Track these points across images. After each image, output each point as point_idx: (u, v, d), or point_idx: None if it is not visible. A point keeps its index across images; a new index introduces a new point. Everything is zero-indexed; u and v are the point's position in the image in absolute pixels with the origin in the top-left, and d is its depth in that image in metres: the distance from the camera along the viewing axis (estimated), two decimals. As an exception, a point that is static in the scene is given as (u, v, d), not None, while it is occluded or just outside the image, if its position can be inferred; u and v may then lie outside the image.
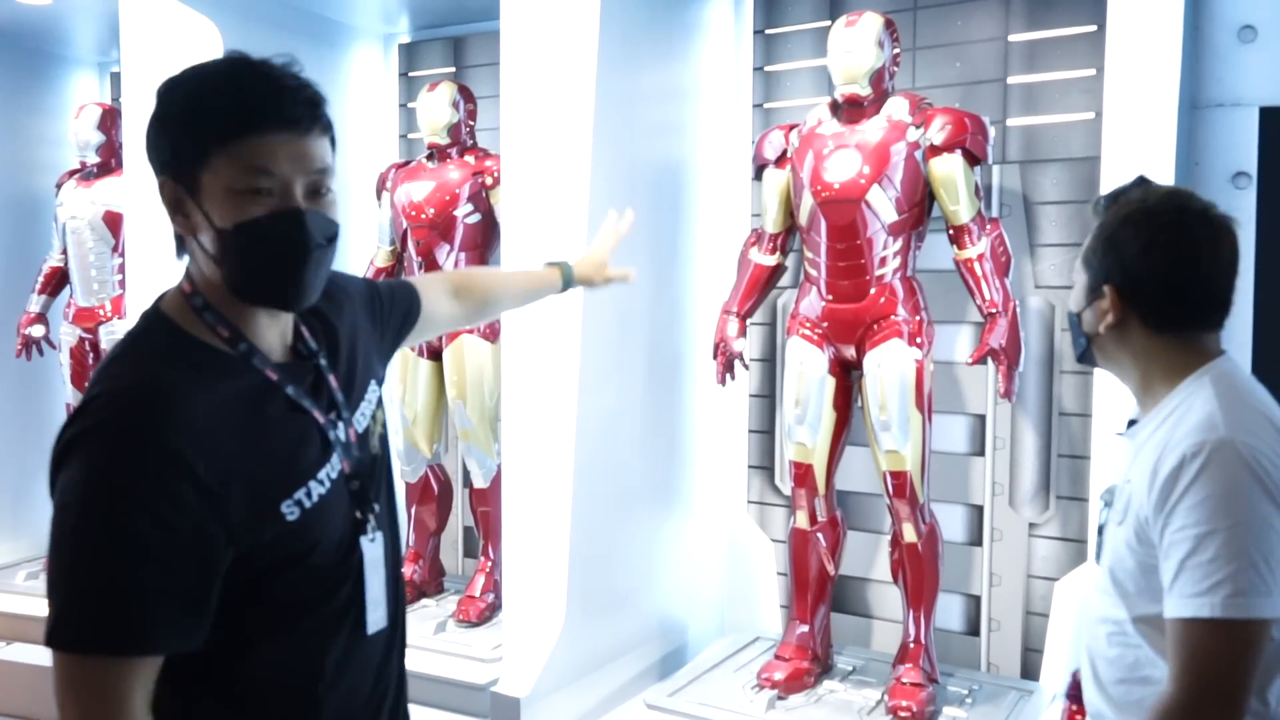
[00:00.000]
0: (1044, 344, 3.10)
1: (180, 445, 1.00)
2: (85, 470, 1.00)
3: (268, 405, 1.11)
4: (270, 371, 1.12)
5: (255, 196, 1.06)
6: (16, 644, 3.71)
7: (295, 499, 1.10)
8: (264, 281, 1.10)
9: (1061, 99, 3.07)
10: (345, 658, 1.17)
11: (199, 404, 1.04)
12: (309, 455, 1.13)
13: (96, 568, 0.98)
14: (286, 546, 1.10)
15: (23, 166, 4.46)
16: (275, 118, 1.06)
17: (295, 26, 3.79)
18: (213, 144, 1.06)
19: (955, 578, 3.20)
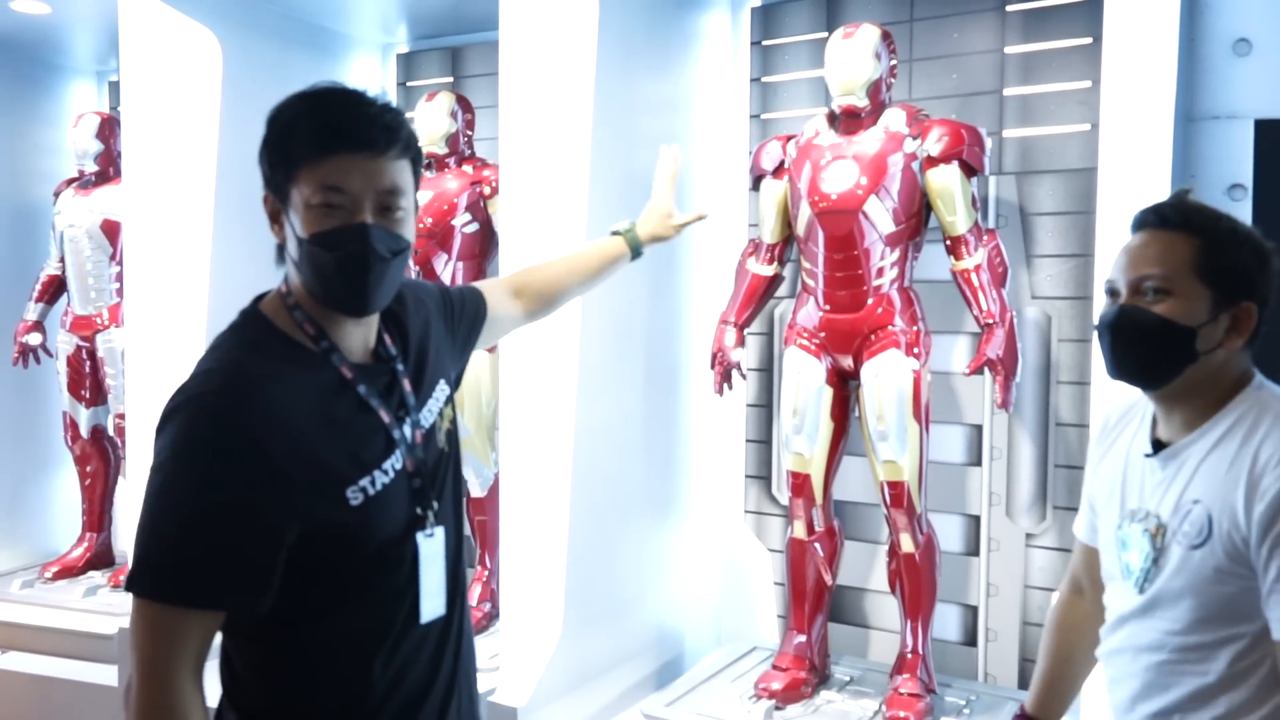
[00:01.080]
0: (1041, 354, 3.11)
1: (255, 426, 1.13)
2: (174, 440, 1.14)
3: (341, 399, 1.23)
4: (346, 370, 1.24)
5: (329, 211, 1.19)
6: (12, 652, 3.70)
7: (360, 486, 1.20)
8: (333, 287, 1.21)
9: (1057, 111, 3.09)
10: (398, 642, 1.26)
11: (276, 391, 1.17)
12: (373, 449, 1.23)
13: (171, 527, 1.13)
14: (349, 529, 1.20)
15: (21, 175, 4.46)
16: (350, 140, 1.18)
17: (294, 36, 3.80)
18: (299, 163, 1.19)
19: (952, 588, 3.20)
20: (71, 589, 3.97)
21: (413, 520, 1.27)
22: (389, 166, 1.20)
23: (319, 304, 1.24)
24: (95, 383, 4.09)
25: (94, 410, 4.13)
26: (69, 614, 3.76)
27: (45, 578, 4.07)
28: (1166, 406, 1.45)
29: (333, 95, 1.23)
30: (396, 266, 1.23)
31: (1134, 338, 1.41)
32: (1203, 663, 1.36)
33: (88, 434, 4.14)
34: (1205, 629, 1.35)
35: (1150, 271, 1.40)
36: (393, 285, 1.25)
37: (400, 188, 1.22)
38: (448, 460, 1.35)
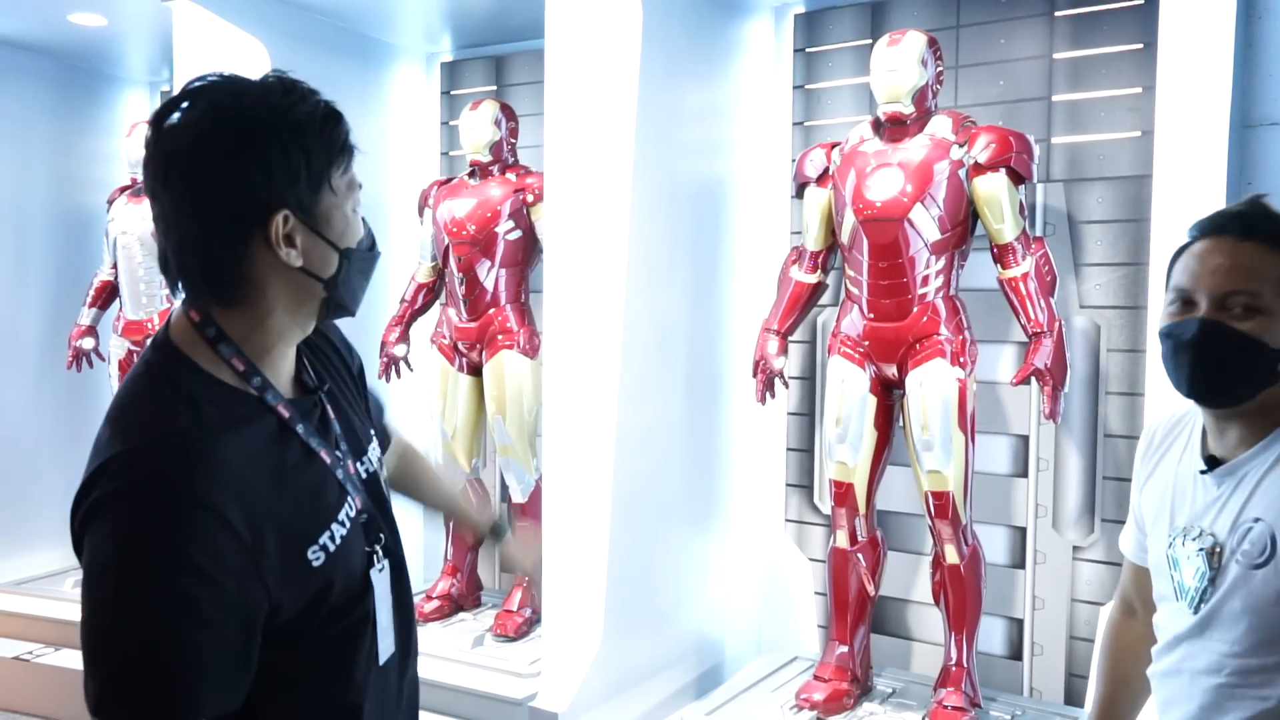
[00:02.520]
0: (1089, 364, 3.07)
1: (215, 498, 0.96)
2: (119, 534, 0.96)
3: (288, 449, 1.08)
4: (283, 408, 1.09)
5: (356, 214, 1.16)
6: (64, 650, 3.77)
7: (320, 544, 1.07)
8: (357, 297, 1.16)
9: (1108, 117, 3.04)
10: (365, 683, 1.15)
11: (229, 452, 1.00)
12: (329, 497, 1.11)
13: (143, 636, 0.95)
14: (311, 590, 1.07)
15: (76, 183, 4.57)
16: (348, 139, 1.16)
17: (341, 46, 3.85)
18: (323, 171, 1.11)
19: (998, 600, 3.15)
20: (121, 589, 4.04)
21: (365, 559, 1.14)
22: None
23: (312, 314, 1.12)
24: (146, 386, 4.17)
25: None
26: (119, 613, 3.83)
27: (96, 577, 4.15)
28: (1222, 423, 1.40)
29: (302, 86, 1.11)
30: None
31: (1217, 355, 1.34)
32: (1264, 687, 1.31)
33: (138, 437, 4.22)
34: (1267, 651, 1.31)
35: (1240, 287, 1.33)
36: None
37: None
38: (382, 492, 1.24)
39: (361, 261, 1.13)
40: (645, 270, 2.91)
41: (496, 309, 3.56)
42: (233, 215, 1.03)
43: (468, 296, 3.55)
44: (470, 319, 3.58)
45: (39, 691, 3.65)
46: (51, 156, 4.46)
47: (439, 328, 3.72)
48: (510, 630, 3.47)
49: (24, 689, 3.68)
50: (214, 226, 1.03)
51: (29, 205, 4.38)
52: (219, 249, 1.03)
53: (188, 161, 1.02)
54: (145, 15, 3.81)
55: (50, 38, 4.15)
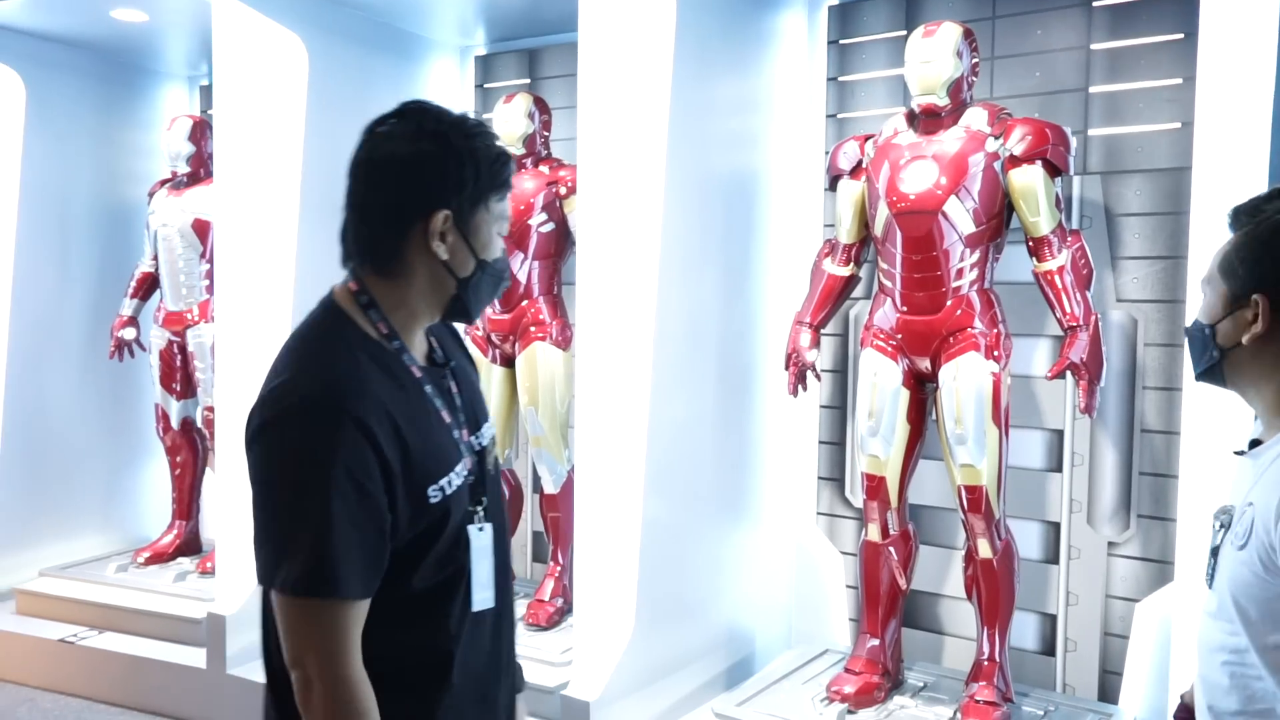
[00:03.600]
0: (1126, 358, 3.04)
1: (367, 420, 1.18)
2: (292, 444, 1.18)
3: (417, 399, 1.29)
4: (415, 369, 1.31)
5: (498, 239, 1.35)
6: (108, 633, 3.86)
7: (439, 485, 1.26)
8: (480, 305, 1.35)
9: (1146, 109, 3.01)
10: (459, 632, 1.31)
11: (377, 387, 1.23)
12: (447, 449, 1.30)
13: (309, 525, 1.16)
14: (423, 525, 1.25)
15: (117, 176, 4.65)
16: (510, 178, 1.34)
17: (376, 40, 3.89)
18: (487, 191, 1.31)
19: (1031, 595, 3.14)
20: (162, 574, 4.13)
21: (465, 516, 1.32)
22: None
23: (426, 310, 1.33)
24: (186, 376, 4.24)
25: (184, 403, 4.28)
26: (160, 598, 3.91)
27: (138, 562, 4.24)
28: (1257, 408, 1.44)
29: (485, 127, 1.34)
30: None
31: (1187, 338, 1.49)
32: (1257, 666, 1.33)
33: (178, 426, 4.29)
34: (1255, 633, 1.33)
35: (1207, 275, 1.45)
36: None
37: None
38: (495, 473, 1.43)
39: (492, 274, 1.33)
40: (678, 262, 2.92)
41: (529, 301, 3.59)
42: (406, 203, 1.27)
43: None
44: (503, 311, 3.61)
45: (83, 673, 3.74)
46: (94, 150, 4.55)
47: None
48: (542, 619, 3.50)
49: (68, 671, 3.77)
50: (391, 210, 1.28)
51: (72, 198, 4.46)
52: (388, 228, 1.28)
53: (387, 158, 1.28)
54: (185, 11, 3.87)
55: (93, 33, 4.23)
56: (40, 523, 4.33)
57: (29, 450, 4.27)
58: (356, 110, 4.30)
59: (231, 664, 3.44)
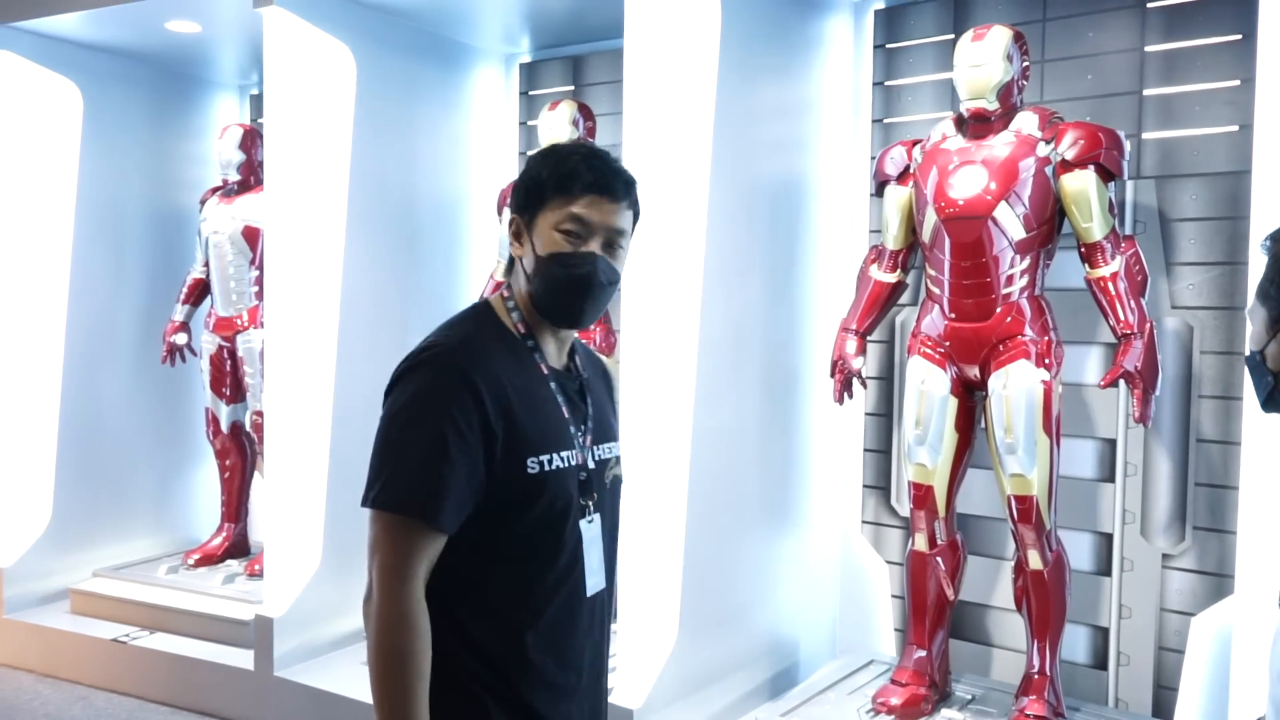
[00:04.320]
0: (1181, 367, 2.97)
1: (479, 385, 1.36)
2: (419, 386, 1.38)
3: (540, 387, 1.46)
4: (544, 368, 1.47)
5: (569, 238, 1.42)
6: (159, 633, 3.92)
7: (540, 459, 1.41)
8: (557, 300, 1.44)
9: (1203, 111, 2.94)
10: (560, 611, 1.44)
11: (497, 363, 1.41)
12: (556, 434, 1.44)
13: (417, 453, 1.34)
14: (518, 490, 1.39)
15: (170, 184, 4.74)
16: (598, 186, 1.43)
17: (423, 49, 3.93)
18: (552, 196, 1.43)
19: (1082, 608, 3.08)
20: (212, 576, 4.19)
21: (578, 508, 1.45)
22: (621, 213, 1.45)
23: (536, 312, 1.47)
24: (235, 381, 4.31)
25: (234, 407, 4.34)
26: (209, 599, 3.97)
27: (188, 564, 4.31)
28: None
29: (591, 152, 1.47)
30: (609, 293, 1.47)
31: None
32: None
33: (227, 429, 4.36)
34: None
35: (1249, 303, 1.46)
36: (600, 308, 1.47)
37: (626, 232, 1.47)
38: (614, 491, 1.57)
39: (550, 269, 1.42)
40: (722, 269, 2.90)
41: (573, 307, 3.59)
42: (513, 206, 1.48)
43: (545, 295, 3.59)
44: (547, 317, 3.62)
45: (134, 673, 3.81)
46: (147, 158, 4.64)
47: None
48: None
49: (120, 670, 3.84)
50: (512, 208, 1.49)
51: (126, 206, 4.56)
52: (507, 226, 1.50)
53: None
54: (237, 22, 3.93)
55: (147, 45, 4.31)
56: (94, 524, 4.42)
57: (83, 453, 4.36)
58: (403, 118, 4.37)
59: (279, 666, 3.48)
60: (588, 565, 1.47)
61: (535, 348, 1.48)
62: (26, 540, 4.23)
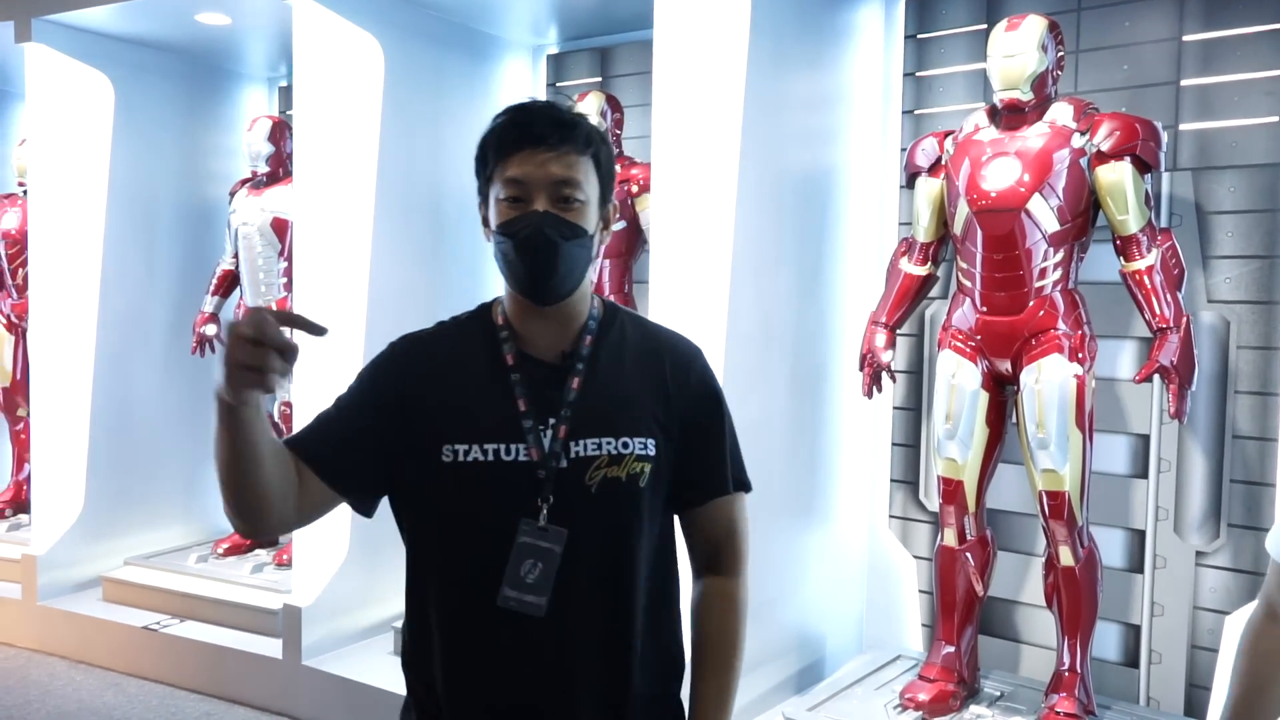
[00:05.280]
0: (1217, 362, 2.93)
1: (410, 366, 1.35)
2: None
3: (494, 378, 1.33)
4: (511, 358, 1.34)
5: (512, 204, 1.29)
6: (189, 621, 3.96)
7: (455, 449, 1.29)
8: (518, 274, 1.32)
9: (1241, 102, 2.89)
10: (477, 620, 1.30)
11: (445, 349, 1.37)
12: (492, 426, 1.31)
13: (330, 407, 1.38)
14: (438, 483, 1.30)
15: (199, 176, 4.77)
16: (524, 138, 1.28)
17: (451, 40, 3.93)
18: (493, 166, 1.31)
19: (1114, 605, 3.05)
20: (240, 565, 4.23)
21: (524, 507, 1.29)
22: (561, 160, 1.28)
23: (517, 294, 1.35)
24: (264, 372, 4.32)
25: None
26: (238, 588, 4.01)
27: (218, 553, 4.35)
28: None
29: (518, 105, 1.33)
30: (572, 251, 1.29)
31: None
32: None
33: (256, 420, 4.38)
34: None
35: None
36: (567, 270, 1.30)
37: (573, 180, 1.29)
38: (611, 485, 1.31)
39: (500, 241, 1.31)
40: (751, 261, 2.89)
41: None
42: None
43: (572, 287, 3.59)
44: (574, 309, 3.61)
45: (165, 660, 3.85)
46: (177, 150, 4.67)
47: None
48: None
49: (152, 658, 3.88)
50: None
51: (157, 197, 4.59)
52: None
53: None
54: (267, 13, 3.95)
55: (178, 37, 4.34)
56: (125, 513, 4.47)
57: (115, 442, 4.41)
58: (431, 109, 4.38)
59: (307, 655, 3.51)
60: (508, 573, 1.27)
61: (509, 338, 1.35)
62: (59, 529, 4.28)
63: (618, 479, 1.31)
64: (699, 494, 1.42)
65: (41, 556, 4.22)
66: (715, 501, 1.42)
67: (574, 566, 1.28)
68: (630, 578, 1.33)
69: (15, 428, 5.01)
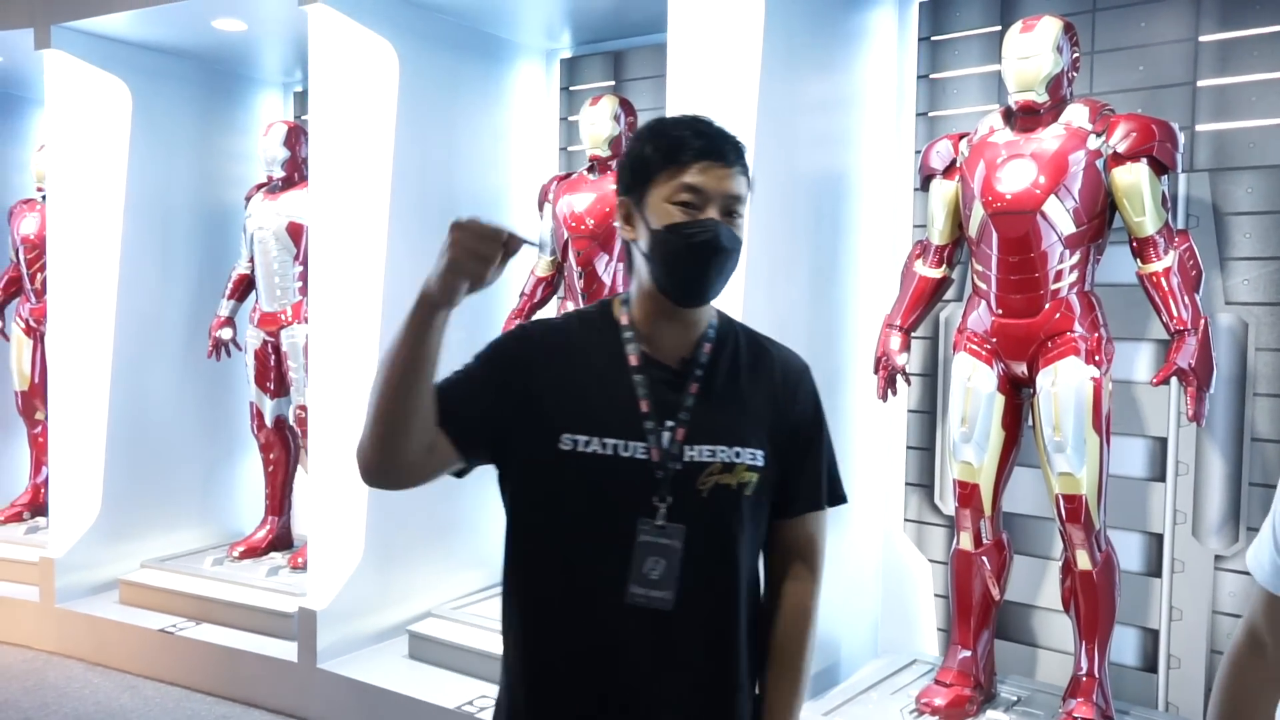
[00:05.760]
0: (1236, 364, 2.91)
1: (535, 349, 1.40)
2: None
3: (618, 375, 1.38)
4: (635, 358, 1.39)
5: (684, 208, 1.34)
6: (205, 624, 3.98)
7: (575, 438, 1.34)
8: (677, 275, 1.36)
9: (1259, 102, 2.87)
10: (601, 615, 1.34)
11: (570, 339, 1.42)
12: (609, 422, 1.36)
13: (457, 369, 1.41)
14: (548, 469, 1.35)
15: (216, 181, 4.80)
16: (708, 152, 1.35)
17: (464, 44, 3.94)
18: (660, 170, 1.36)
19: (1131, 610, 3.02)
20: (256, 568, 4.25)
21: (641, 506, 1.34)
22: (735, 178, 1.37)
23: (658, 294, 1.38)
24: (279, 375, 4.35)
25: (278, 401, 4.39)
26: (253, 591, 4.03)
27: (233, 556, 4.37)
28: None
29: (693, 118, 1.40)
30: (734, 260, 1.38)
31: None
32: None
33: (271, 424, 4.41)
34: None
35: None
36: (724, 279, 1.39)
37: (741, 197, 1.38)
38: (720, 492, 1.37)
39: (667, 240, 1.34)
40: (765, 264, 2.88)
41: (614, 303, 3.59)
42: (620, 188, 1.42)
43: (586, 290, 3.59)
44: (588, 312, 3.61)
45: (181, 663, 3.87)
46: (193, 155, 4.70)
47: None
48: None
49: (168, 660, 3.90)
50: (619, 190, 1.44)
51: (174, 202, 4.62)
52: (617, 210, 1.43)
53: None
54: (282, 19, 3.97)
55: (194, 43, 4.37)
56: (142, 516, 4.50)
57: (132, 446, 4.44)
58: (445, 113, 4.39)
59: (322, 658, 3.52)
60: (634, 570, 1.32)
61: (633, 338, 1.40)
62: (77, 531, 4.31)
63: (728, 486, 1.37)
64: (794, 507, 1.48)
65: (59, 559, 4.25)
66: (806, 515, 1.48)
67: (685, 564, 1.34)
68: (734, 575, 1.39)
69: (33, 431, 5.05)
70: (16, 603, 4.31)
